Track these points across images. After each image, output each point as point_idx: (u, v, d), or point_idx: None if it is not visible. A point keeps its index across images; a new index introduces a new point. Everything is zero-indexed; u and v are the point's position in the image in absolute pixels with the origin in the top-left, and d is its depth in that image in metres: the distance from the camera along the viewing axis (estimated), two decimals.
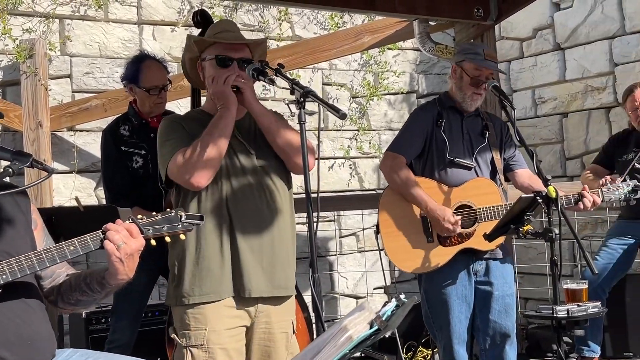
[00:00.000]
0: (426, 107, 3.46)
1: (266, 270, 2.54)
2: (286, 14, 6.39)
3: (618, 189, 3.27)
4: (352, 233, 6.68)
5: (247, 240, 2.52)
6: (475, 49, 3.35)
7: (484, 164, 3.35)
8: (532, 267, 6.42)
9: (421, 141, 3.32)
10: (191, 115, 2.74)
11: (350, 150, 6.71)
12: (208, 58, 2.58)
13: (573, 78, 6.75)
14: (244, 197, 2.54)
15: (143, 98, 3.65)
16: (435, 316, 3.29)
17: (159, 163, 2.59)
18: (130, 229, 1.96)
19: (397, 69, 6.94)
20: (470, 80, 3.30)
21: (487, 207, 3.20)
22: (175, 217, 2.02)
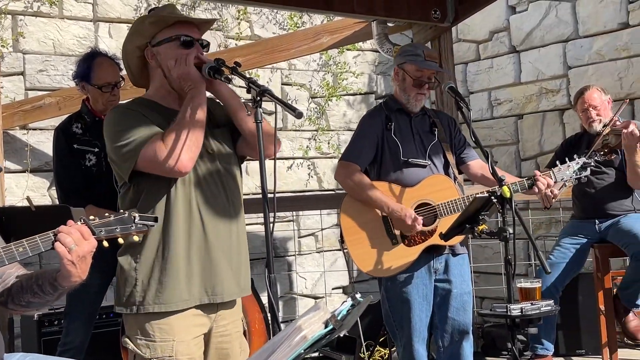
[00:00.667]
0: (374, 113, 3.49)
1: (235, 272, 2.48)
2: (245, 13, 6.36)
3: (568, 167, 3.32)
4: (311, 233, 6.69)
5: (220, 242, 2.42)
6: (415, 51, 3.39)
7: (438, 161, 3.39)
8: (488, 266, 6.51)
9: (373, 147, 3.35)
10: (143, 102, 2.48)
11: (309, 150, 6.71)
12: (166, 40, 2.40)
13: (528, 80, 6.87)
14: (212, 197, 2.43)
15: (96, 96, 3.60)
16: (396, 315, 3.31)
17: (116, 157, 2.36)
18: (82, 231, 1.91)
19: (356, 70, 6.97)
20: (412, 81, 3.35)
21: (446, 203, 3.24)
22: (129, 218, 1.97)
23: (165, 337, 2.35)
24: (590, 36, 6.41)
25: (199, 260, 2.39)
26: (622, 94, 6.19)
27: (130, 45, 2.46)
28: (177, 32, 2.41)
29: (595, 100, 4.44)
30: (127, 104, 2.51)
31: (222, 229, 2.44)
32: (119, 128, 2.35)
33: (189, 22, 2.47)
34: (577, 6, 6.50)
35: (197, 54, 2.42)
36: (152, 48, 2.43)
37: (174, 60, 2.40)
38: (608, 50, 6.28)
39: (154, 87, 2.50)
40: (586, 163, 3.33)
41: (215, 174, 2.46)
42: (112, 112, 2.45)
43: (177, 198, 2.36)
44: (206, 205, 2.41)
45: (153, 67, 2.46)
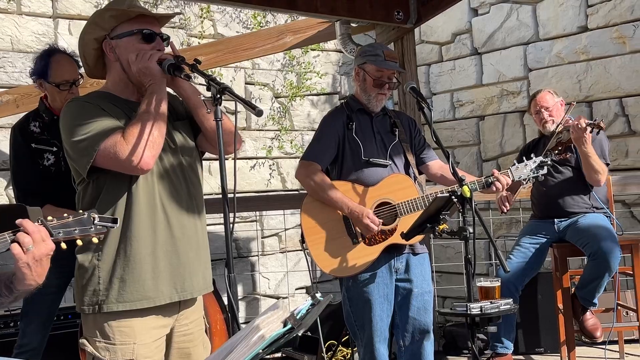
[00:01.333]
0: (335, 113, 3.48)
1: (202, 267, 2.44)
2: (208, 11, 6.32)
3: (526, 166, 3.36)
4: (274, 233, 6.67)
5: (186, 237, 2.37)
6: (375, 51, 3.39)
7: (399, 161, 3.40)
8: (449, 266, 6.57)
9: (334, 147, 3.35)
10: (101, 95, 2.40)
11: (273, 150, 6.70)
12: (126, 34, 2.35)
13: (489, 82, 6.96)
14: (176, 191, 2.37)
15: (53, 93, 3.53)
16: (357, 315, 3.31)
17: (74, 152, 2.28)
18: (40, 232, 1.83)
19: (319, 70, 6.98)
20: (372, 81, 3.36)
21: (406, 202, 3.25)
22: (88, 219, 1.91)
23: (126, 339, 2.29)
24: (551, 39, 6.51)
25: (166, 256, 2.33)
26: (581, 96, 6.30)
27: (88, 36, 2.39)
28: (138, 26, 2.36)
29: (547, 101, 4.52)
30: (84, 97, 2.43)
31: (187, 224, 2.39)
32: (76, 122, 2.27)
33: (150, 16, 2.42)
34: (537, 9, 6.60)
35: (160, 52, 2.38)
36: (110, 41, 2.37)
37: (134, 54, 2.34)
38: (567, 53, 6.39)
39: (111, 80, 2.44)
40: (543, 162, 3.38)
41: (178, 168, 2.41)
42: (68, 105, 2.36)
43: (139, 193, 2.31)
44: (170, 200, 2.35)
45: (111, 60, 2.40)
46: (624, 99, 6.08)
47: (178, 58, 2.33)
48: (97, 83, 4.83)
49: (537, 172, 3.36)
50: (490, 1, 6.91)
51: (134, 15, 2.36)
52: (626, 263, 4.98)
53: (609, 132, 6.12)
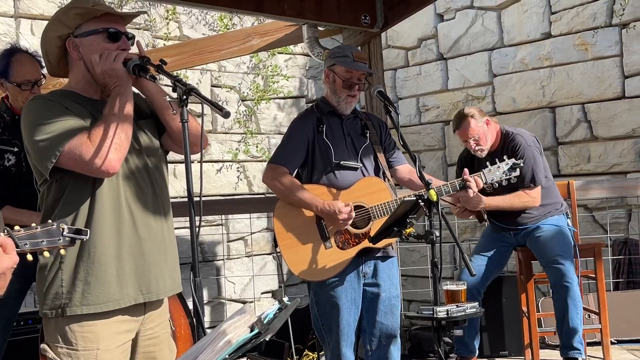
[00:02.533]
0: (304, 116, 3.46)
1: (169, 269, 2.39)
2: (174, 13, 6.27)
3: (498, 168, 3.34)
4: (240, 237, 6.63)
5: (152, 238, 2.32)
6: (344, 52, 3.38)
7: (369, 163, 3.39)
8: (415, 269, 6.61)
9: (303, 151, 3.33)
10: (64, 94, 2.34)
11: (239, 153, 6.66)
12: (91, 32, 2.30)
13: (455, 87, 7.02)
14: (141, 192, 2.33)
15: (15, 93, 3.46)
16: (324, 319, 3.29)
17: (35, 152, 2.21)
18: (5, 245, 1.73)
19: (286, 73, 6.97)
20: (342, 83, 3.34)
21: (379, 205, 3.24)
22: (57, 230, 1.82)
23: (89, 345, 2.23)
24: (515, 45, 6.60)
25: (131, 258, 2.29)
26: (545, 101, 6.40)
27: (51, 34, 2.33)
28: (103, 25, 2.31)
29: (472, 132, 4.32)
30: (47, 95, 2.36)
31: (153, 225, 2.35)
32: (39, 121, 2.21)
33: (115, 15, 2.37)
34: (502, 16, 6.69)
35: (125, 52, 2.34)
36: (74, 39, 2.31)
37: (98, 54, 2.29)
38: (531, 59, 6.48)
39: (74, 79, 2.38)
40: (515, 164, 3.36)
41: (143, 169, 2.37)
42: (30, 103, 2.30)
43: (103, 194, 2.26)
44: (135, 201, 2.31)
45: (74, 59, 2.34)
46: (587, 104, 6.18)
47: (143, 59, 2.29)
48: (60, 84, 4.75)
49: (510, 174, 3.36)
50: (456, 7, 6.98)
51: (100, 13, 2.32)
52: (588, 267, 5.06)
53: (572, 138, 6.23)
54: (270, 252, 6.80)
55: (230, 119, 6.56)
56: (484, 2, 6.78)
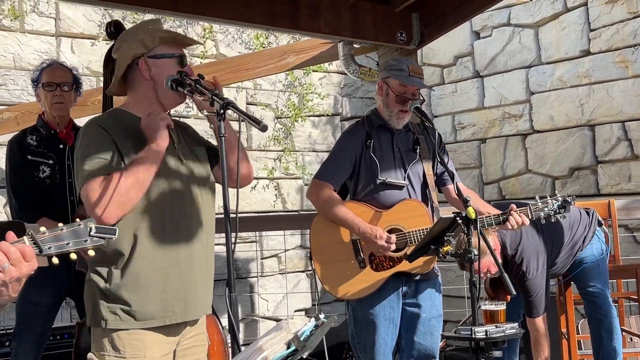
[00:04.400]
0: (354, 130, 3.37)
1: (207, 288, 2.47)
2: (210, 32, 6.33)
3: (547, 205, 3.22)
4: (273, 254, 6.61)
5: (195, 257, 2.39)
6: (400, 65, 3.29)
7: (416, 181, 3.30)
8: (450, 289, 6.51)
9: (349, 167, 3.26)
10: (118, 118, 2.41)
11: (275, 171, 6.66)
12: (166, 55, 2.40)
13: (491, 105, 6.94)
14: (188, 215, 2.39)
15: (43, 99, 3.55)
16: (361, 337, 3.25)
17: (76, 175, 2.32)
18: (24, 251, 1.70)
19: (321, 91, 6.97)
20: (395, 97, 3.25)
21: (417, 230, 3.17)
22: (84, 229, 1.76)
23: (136, 352, 2.29)
24: (553, 62, 6.52)
25: (176, 277, 2.35)
26: (583, 120, 6.29)
27: (130, 52, 2.40)
28: (175, 50, 2.42)
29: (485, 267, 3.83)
30: (100, 120, 2.41)
31: (196, 246, 2.41)
32: (85, 151, 2.30)
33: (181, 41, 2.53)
34: (540, 33, 6.61)
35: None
36: (148, 59, 2.39)
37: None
38: (570, 76, 6.39)
39: (135, 99, 2.45)
40: (566, 201, 3.23)
41: (191, 192, 2.43)
42: (86, 127, 2.38)
43: (150, 212, 2.31)
44: (180, 221, 2.37)
45: (144, 78, 2.40)
46: (627, 123, 6.06)
47: (181, 73, 2.31)
48: (98, 102, 4.82)
49: (560, 211, 3.24)
50: (493, 24, 6.92)
51: (188, 42, 2.50)
52: (630, 288, 4.92)
53: (612, 156, 6.11)
54: (303, 269, 6.78)
55: (265, 137, 6.58)
56: (521, 20, 6.72)
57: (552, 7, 6.50)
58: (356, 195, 3.29)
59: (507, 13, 6.81)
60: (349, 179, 3.31)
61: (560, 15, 6.45)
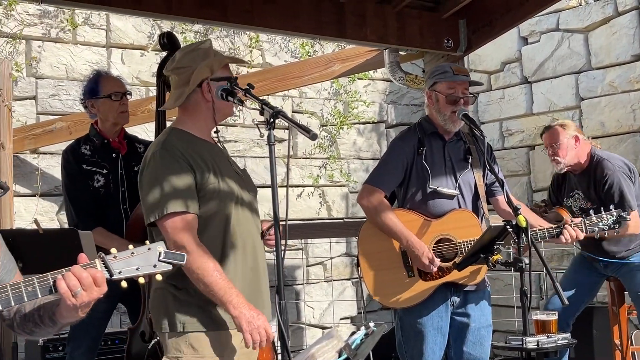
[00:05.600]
0: (406, 136, 3.36)
1: (266, 296, 2.54)
2: (257, 41, 6.39)
3: (602, 220, 3.19)
4: (319, 262, 6.62)
5: (261, 268, 2.49)
6: (443, 69, 3.29)
7: (467, 191, 3.27)
8: (498, 298, 6.41)
9: (400, 173, 3.25)
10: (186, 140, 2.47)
11: (320, 178, 6.68)
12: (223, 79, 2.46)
13: (540, 111, 6.84)
14: (247, 219, 2.49)
15: (106, 109, 3.57)
16: (408, 346, 3.23)
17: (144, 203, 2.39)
18: (95, 277, 1.74)
19: (366, 99, 6.97)
20: (445, 99, 3.22)
21: (468, 241, 3.14)
22: (153, 254, 1.78)
23: (217, 352, 2.36)
24: (603, 68, 6.38)
25: (249, 282, 2.43)
26: (635, 126, 6.15)
27: (200, 77, 2.44)
28: (229, 73, 2.50)
29: (552, 138, 4.21)
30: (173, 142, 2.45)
31: (258, 254, 2.50)
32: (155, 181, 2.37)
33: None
34: (589, 38, 6.49)
35: None
36: (210, 82, 2.45)
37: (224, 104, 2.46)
38: (621, 82, 6.25)
39: (192, 119, 2.50)
40: (622, 216, 3.19)
41: (246, 197, 2.52)
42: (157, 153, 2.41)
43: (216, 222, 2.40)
44: (245, 231, 2.46)
45: (205, 100, 2.46)
46: None
47: (231, 82, 2.34)
48: (148, 111, 4.91)
49: (614, 227, 3.19)
50: (541, 30, 6.83)
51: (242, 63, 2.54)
52: None
53: None
54: (349, 277, 6.77)
55: (311, 144, 6.61)
56: (571, 24, 6.61)
57: (602, 11, 6.38)
58: (405, 203, 3.27)
59: (555, 18, 6.71)
60: (398, 185, 3.29)
61: (610, 19, 6.32)
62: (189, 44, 2.72)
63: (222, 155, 2.56)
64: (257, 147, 6.29)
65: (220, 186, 2.40)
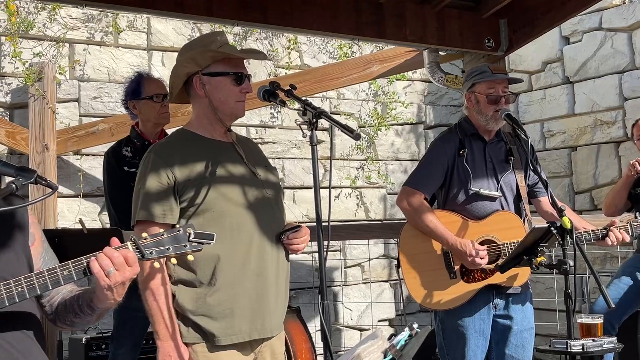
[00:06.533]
0: (446, 137, 3.33)
1: (281, 305, 2.46)
2: (295, 42, 6.40)
3: None
4: (357, 264, 6.60)
5: (269, 273, 2.39)
6: (481, 69, 3.26)
7: (509, 193, 3.23)
8: (539, 301, 6.31)
9: (441, 175, 3.22)
10: (182, 142, 2.42)
11: (357, 180, 6.66)
12: (220, 73, 2.37)
13: (582, 112, 6.73)
14: (261, 226, 2.38)
15: (147, 110, 3.62)
16: (450, 348, 3.20)
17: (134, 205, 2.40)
18: (127, 256, 1.80)
19: (405, 100, 6.93)
20: (486, 99, 3.19)
21: (511, 242, 3.10)
22: (183, 235, 1.85)
23: None
24: None
25: (254, 293, 2.35)
26: None
27: (182, 70, 2.40)
28: (231, 68, 2.39)
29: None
30: (165, 148, 2.44)
31: (270, 262, 2.40)
32: (140, 182, 2.38)
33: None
34: (633, 37, 6.37)
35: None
36: (202, 76, 2.38)
37: (225, 95, 2.38)
38: None
39: (195, 115, 2.46)
40: None
41: (264, 202, 2.43)
42: (148, 155, 2.41)
43: (230, 229, 2.32)
44: (256, 237, 2.36)
45: (199, 96, 2.40)
46: None
47: (273, 84, 2.34)
48: (188, 112, 4.96)
49: None
50: (583, 29, 6.71)
51: (236, 57, 2.41)
52: None
53: None
54: (387, 279, 6.74)
55: (348, 145, 6.60)
56: (614, 23, 6.49)
57: None
58: (446, 205, 3.24)
59: (598, 17, 6.59)
60: (439, 187, 3.27)
61: None
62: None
63: (232, 155, 2.44)
64: (295, 149, 6.30)
65: (210, 192, 2.31)
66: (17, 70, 5.20)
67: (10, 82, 5.23)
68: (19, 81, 5.22)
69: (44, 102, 5.04)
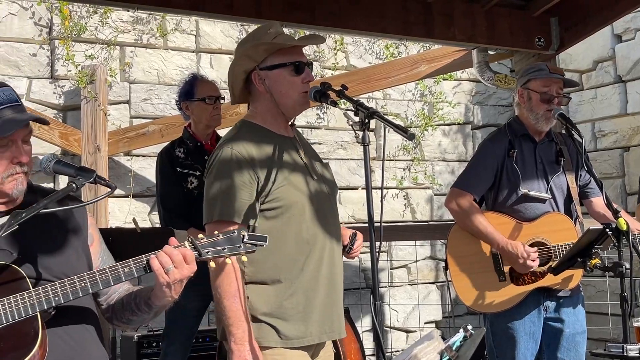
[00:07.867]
0: (496, 138, 3.29)
1: (342, 307, 2.44)
2: (342, 43, 6.41)
3: None
4: (403, 265, 6.57)
5: (337, 277, 2.37)
6: (538, 67, 3.23)
7: (559, 195, 3.19)
8: (590, 305, 6.19)
9: (490, 176, 3.18)
10: (253, 134, 2.34)
11: (404, 180, 6.63)
12: (278, 66, 2.32)
13: (635, 111, 6.57)
14: (327, 226, 2.35)
15: (200, 111, 3.68)
16: (500, 351, 3.17)
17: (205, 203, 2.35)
18: (185, 254, 1.85)
19: (452, 100, 6.87)
20: (539, 97, 3.15)
21: (563, 245, 3.06)
22: (237, 237, 1.90)
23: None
24: None
25: (325, 297, 2.32)
26: None
27: (239, 68, 2.36)
28: (288, 58, 2.33)
29: None
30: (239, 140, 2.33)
31: (336, 263, 2.38)
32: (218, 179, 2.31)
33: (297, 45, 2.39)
34: None
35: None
36: (260, 72, 2.33)
37: (286, 87, 2.33)
38: None
39: (260, 111, 2.40)
40: None
41: (329, 203, 2.41)
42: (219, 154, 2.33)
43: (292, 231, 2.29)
44: (327, 239, 2.34)
45: (260, 91, 2.36)
46: None
47: (324, 85, 2.33)
48: (237, 113, 5.00)
49: None
50: (636, 27, 6.55)
51: (287, 47, 2.34)
52: None
53: None
54: (433, 281, 6.68)
55: (395, 146, 6.56)
56: None
57: None
58: (495, 206, 3.20)
59: None
60: (489, 188, 3.23)
61: None
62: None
63: (295, 152, 2.39)
64: (341, 149, 6.30)
65: (288, 194, 2.28)
66: (69, 73, 5.32)
67: (64, 85, 5.36)
68: (71, 83, 5.35)
69: (95, 104, 5.15)
